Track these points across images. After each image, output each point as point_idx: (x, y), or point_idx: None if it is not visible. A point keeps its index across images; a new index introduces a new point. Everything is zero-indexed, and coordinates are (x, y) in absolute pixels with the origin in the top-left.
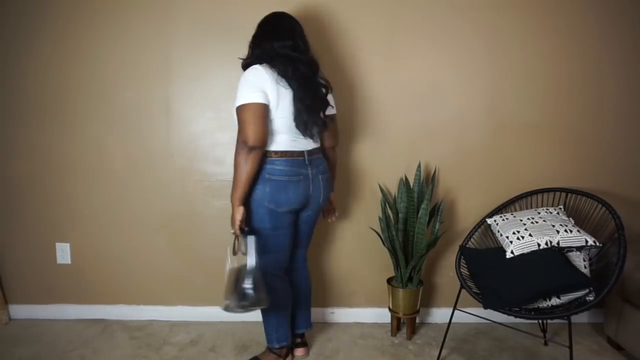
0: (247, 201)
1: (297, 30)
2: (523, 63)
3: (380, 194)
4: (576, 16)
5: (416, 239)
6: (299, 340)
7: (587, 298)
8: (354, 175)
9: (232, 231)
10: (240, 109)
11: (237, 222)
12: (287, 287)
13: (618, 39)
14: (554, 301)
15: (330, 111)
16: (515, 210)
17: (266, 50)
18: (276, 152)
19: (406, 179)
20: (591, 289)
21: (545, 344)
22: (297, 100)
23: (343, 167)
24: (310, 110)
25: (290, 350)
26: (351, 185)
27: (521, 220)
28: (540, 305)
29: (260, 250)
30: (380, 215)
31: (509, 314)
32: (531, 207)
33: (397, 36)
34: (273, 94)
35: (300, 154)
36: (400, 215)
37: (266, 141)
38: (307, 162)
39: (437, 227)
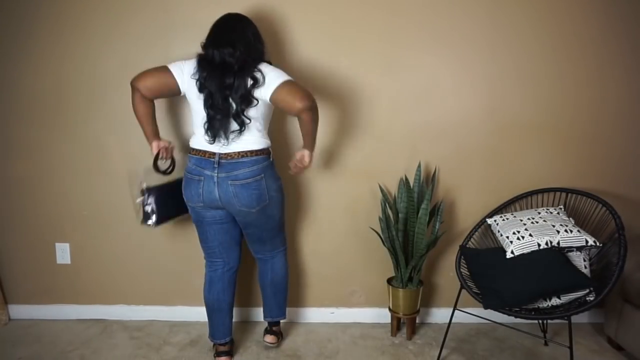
0: None
1: (234, 36)
2: (523, 63)
3: (380, 194)
4: (577, 16)
5: (416, 239)
6: (267, 327)
7: (587, 298)
8: (354, 175)
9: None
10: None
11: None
12: (212, 281)
13: (619, 39)
14: (554, 301)
15: (266, 92)
16: (516, 210)
17: (201, 51)
18: (191, 149)
19: (406, 179)
20: (591, 289)
21: (546, 344)
22: (207, 107)
23: (343, 167)
24: (221, 117)
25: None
26: (351, 185)
27: (521, 220)
28: (541, 305)
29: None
30: (380, 215)
31: (509, 314)
32: (531, 207)
33: (398, 36)
34: (184, 80)
35: (212, 154)
36: (400, 215)
37: (151, 95)
38: (215, 165)
39: (437, 227)
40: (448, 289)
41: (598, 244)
